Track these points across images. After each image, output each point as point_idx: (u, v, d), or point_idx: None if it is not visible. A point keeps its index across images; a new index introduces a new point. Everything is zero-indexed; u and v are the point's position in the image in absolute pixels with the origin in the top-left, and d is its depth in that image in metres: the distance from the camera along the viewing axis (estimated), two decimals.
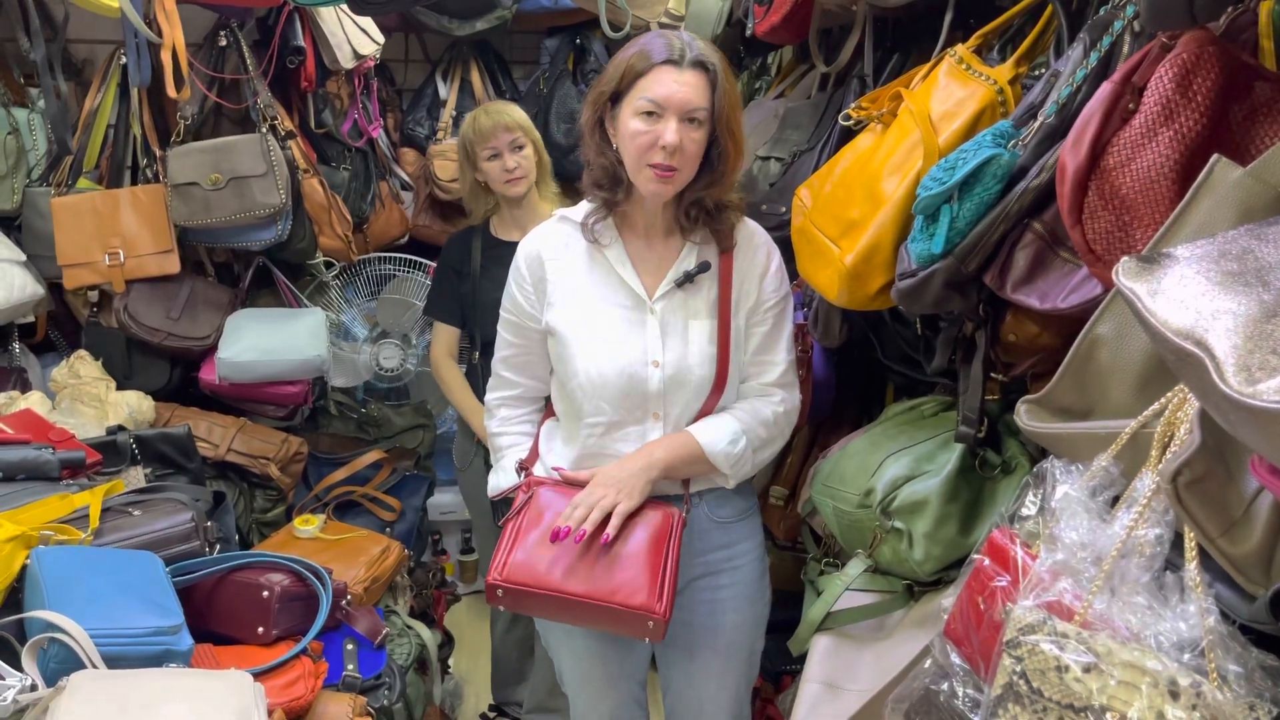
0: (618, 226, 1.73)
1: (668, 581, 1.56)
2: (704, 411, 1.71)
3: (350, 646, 1.81)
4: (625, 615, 1.53)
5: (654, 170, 1.59)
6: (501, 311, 1.82)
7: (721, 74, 1.59)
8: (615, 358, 1.67)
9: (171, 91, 2.41)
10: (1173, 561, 0.92)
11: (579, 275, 1.73)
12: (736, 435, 1.69)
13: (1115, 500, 1.00)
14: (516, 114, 2.57)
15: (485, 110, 2.59)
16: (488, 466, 2.50)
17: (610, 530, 1.58)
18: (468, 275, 2.63)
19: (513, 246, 2.58)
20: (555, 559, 1.57)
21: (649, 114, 1.57)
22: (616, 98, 1.62)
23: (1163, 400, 0.94)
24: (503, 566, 1.57)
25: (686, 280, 1.69)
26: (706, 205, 1.67)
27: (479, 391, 2.59)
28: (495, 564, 1.58)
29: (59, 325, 2.89)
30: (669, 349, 1.68)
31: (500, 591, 1.56)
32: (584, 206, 1.76)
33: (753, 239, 1.76)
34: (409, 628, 2.30)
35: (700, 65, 1.58)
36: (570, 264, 1.74)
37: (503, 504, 2.51)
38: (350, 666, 1.78)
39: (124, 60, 2.60)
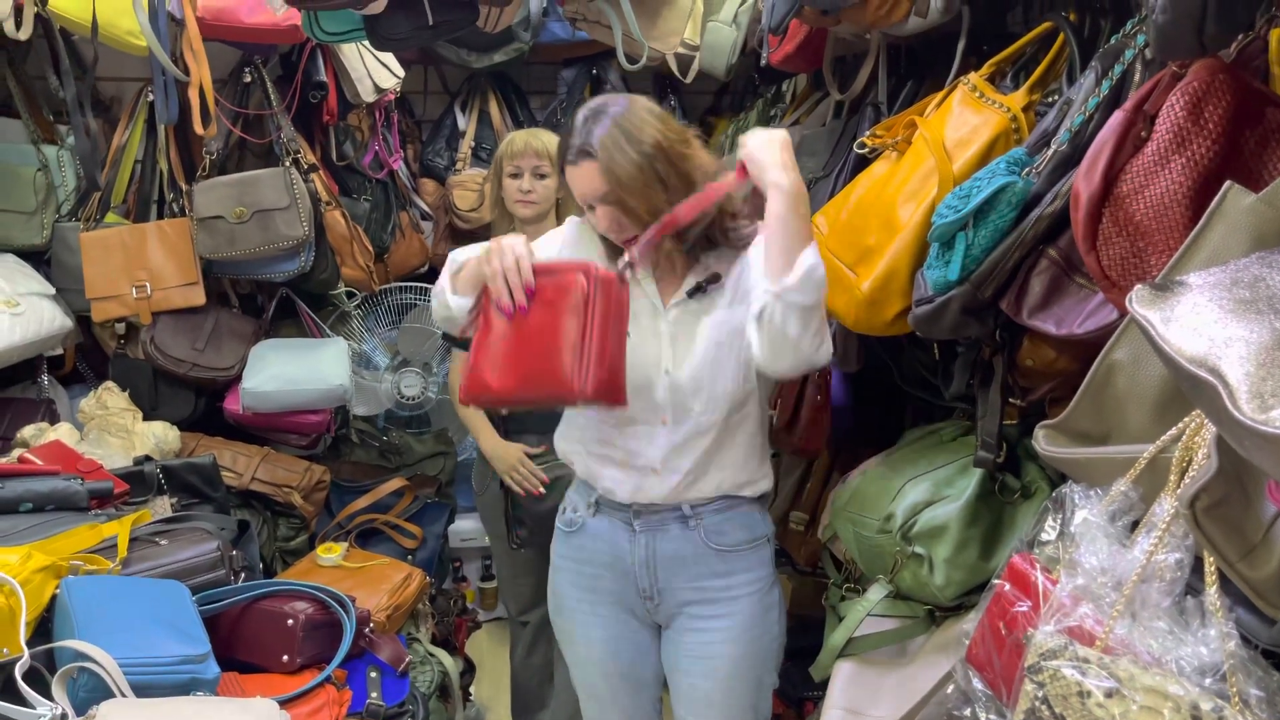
0: None
1: (589, 354, 1.47)
2: (712, 423, 1.67)
3: (373, 674, 1.82)
4: (557, 400, 1.53)
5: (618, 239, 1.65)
6: None
7: (606, 153, 1.56)
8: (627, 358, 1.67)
9: (199, 128, 2.46)
10: (1193, 586, 0.92)
11: None
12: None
13: (1135, 525, 1.00)
14: (554, 144, 2.61)
15: (528, 131, 2.64)
16: (505, 491, 2.53)
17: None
18: None
19: None
20: (495, 364, 1.52)
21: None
22: None
23: (1180, 425, 0.95)
24: (464, 390, 1.55)
25: (698, 291, 1.68)
26: (689, 240, 1.66)
27: (497, 418, 2.60)
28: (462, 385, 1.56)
29: (87, 357, 2.93)
30: (679, 357, 1.67)
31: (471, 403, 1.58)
32: None
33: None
34: (431, 655, 2.30)
35: (584, 154, 1.58)
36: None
37: (518, 525, 2.53)
38: (374, 694, 1.78)
39: (151, 97, 2.65)
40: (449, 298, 1.65)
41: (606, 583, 1.78)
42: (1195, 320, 0.75)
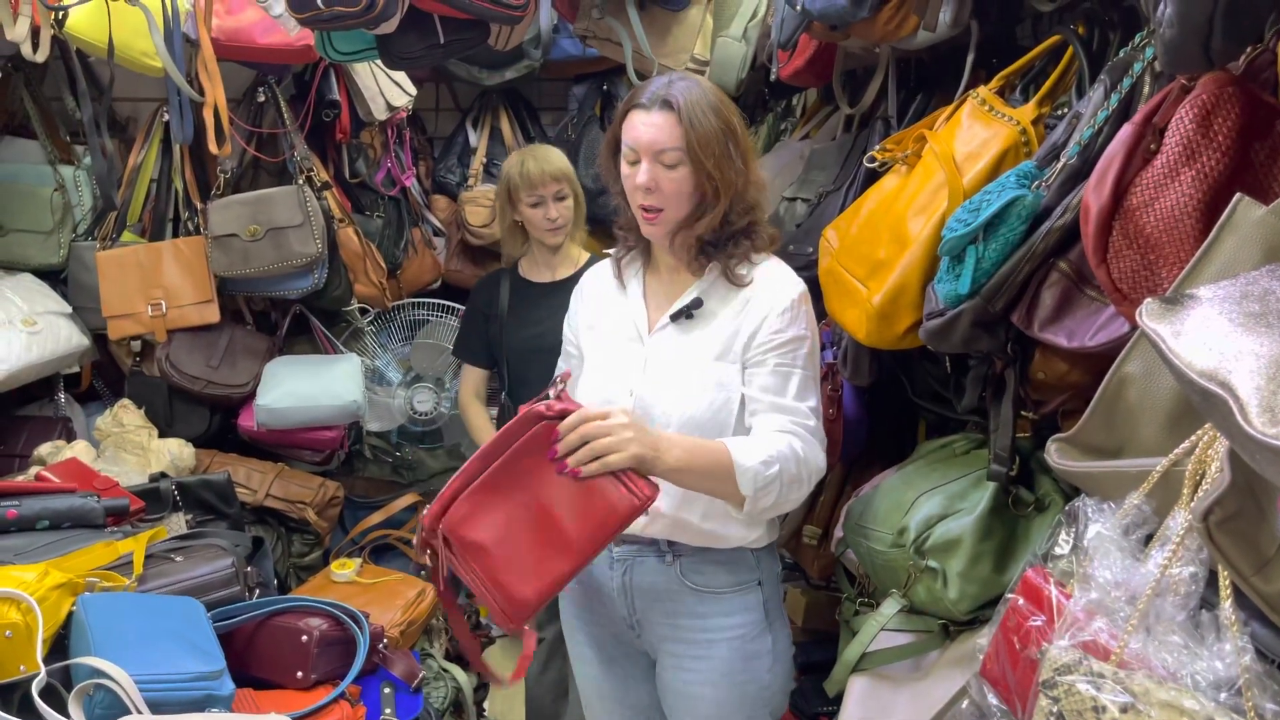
0: (646, 263, 1.76)
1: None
2: None
3: (387, 690, 1.82)
4: None
5: (642, 211, 1.63)
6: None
7: (689, 109, 1.55)
8: (602, 384, 1.71)
9: (213, 148, 2.48)
10: (1208, 600, 0.91)
11: (603, 307, 1.78)
12: (772, 458, 1.51)
13: (1148, 539, 1.00)
14: (562, 163, 2.57)
15: (533, 156, 2.57)
16: None
17: (577, 466, 1.41)
18: (495, 317, 2.66)
19: (541, 288, 2.63)
20: None
21: (632, 161, 1.61)
22: (616, 144, 1.66)
23: (1193, 438, 0.94)
24: None
25: (682, 316, 1.66)
26: (705, 240, 1.63)
27: None
28: None
29: (103, 375, 2.96)
30: (648, 383, 1.66)
31: None
32: None
33: (771, 279, 1.65)
34: (445, 670, 2.31)
35: (666, 104, 1.56)
36: (599, 297, 1.80)
37: None
38: (388, 710, 1.79)
39: (167, 117, 2.67)
40: None
41: (596, 604, 1.79)
42: (1205, 334, 0.75)
